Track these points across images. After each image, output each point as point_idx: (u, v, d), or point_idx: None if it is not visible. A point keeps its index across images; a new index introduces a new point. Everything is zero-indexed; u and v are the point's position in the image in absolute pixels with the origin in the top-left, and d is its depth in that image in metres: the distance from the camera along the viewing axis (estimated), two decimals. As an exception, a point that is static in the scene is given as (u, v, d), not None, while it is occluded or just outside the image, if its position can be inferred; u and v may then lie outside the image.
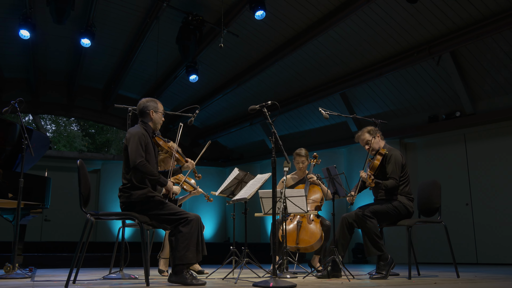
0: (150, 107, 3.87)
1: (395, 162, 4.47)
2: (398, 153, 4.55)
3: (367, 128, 4.70)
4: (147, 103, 3.88)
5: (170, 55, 10.26)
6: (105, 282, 4.00)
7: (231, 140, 13.89)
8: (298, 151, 5.61)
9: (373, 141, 4.62)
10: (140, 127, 3.80)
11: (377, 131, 4.69)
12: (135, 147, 3.61)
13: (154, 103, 3.90)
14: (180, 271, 3.47)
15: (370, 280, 4.13)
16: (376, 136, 4.66)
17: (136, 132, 3.71)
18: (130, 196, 3.62)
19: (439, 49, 7.76)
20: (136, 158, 3.57)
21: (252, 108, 3.89)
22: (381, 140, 4.72)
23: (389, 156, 4.52)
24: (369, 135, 4.65)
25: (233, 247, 4.82)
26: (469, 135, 8.97)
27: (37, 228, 11.49)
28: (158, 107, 3.91)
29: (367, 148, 4.63)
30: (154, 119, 3.89)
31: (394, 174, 4.42)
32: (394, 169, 4.44)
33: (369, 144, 4.61)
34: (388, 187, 4.40)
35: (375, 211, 4.38)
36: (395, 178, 4.41)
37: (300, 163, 5.59)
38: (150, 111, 3.86)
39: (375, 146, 4.64)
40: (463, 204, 8.79)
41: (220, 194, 4.97)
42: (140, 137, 3.67)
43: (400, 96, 9.40)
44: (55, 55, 10.77)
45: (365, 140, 4.65)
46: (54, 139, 20.98)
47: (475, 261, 8.43)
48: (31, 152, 4.42)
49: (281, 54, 9.08)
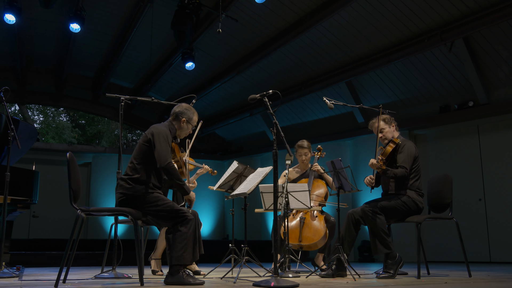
0: (185, 115, 3.97)
1: (407, 152, 4.48)
2: (411, 144, 4.57)
3: (383, 116, 4.70)
4: (185, 111, 3.98)
5: (165, 41, 10.23)
6: (97, 281, 4.01)
7: (230, 131, 13.89)
8: (300, 142, 5.61)
9: (387, 129, 4.65)
10: (167, 127, 3.88)
11: (393, 120, 4.73)
12: (165, 147, 3.69)
13: (191, 114, 4.00)
14: (176, 271, 3.51)
15: (377, 280, 4.14)
16: (391, 126, 4.68)
17: (165, 131, 3.79)
18: (131, 189, 3.65)
19: (451, 35, 7.73)
20: (166, 158, 3.64)
21: (252, 98, 3.89)
22: (396, 131, 4.73)
23: (402, 145, 4.54)
24: (384, 123, 4.67)
25: (232, 244, 4.83)
26: (482, 126, 8.96)
27: (24, 224, 11.52)
28: (194, 119, 4.03)
29: (380, 137, 4.64)
30: (182, 128, 3.99)
31: (405, 164, 4.42)
32: (405, 159, 4.45)
33: (382, 133, 4.62)
34: (397, 175, 4.40)
35: (383, 207, 4.39)
36: (405, 167, 4.41)
37: (302, 155, 5.59)
38: (183, 119, 3.97)
39: (389, 136, 4.65)
40: (476, 199, 8.80)
41: (218, 188, 4.98)
42: (168, 137, 3.77)
43: (409, 84, 9.38)
44: (43, 41, 10.74)
45: (380, 128, 4.66)
46: (42, 130, 20.99)
47: (488, 260, 8.46)
48: (18, 144, 4.41)
49: (283, 40, 9.05)
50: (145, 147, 3.74)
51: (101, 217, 11.40)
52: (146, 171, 3.71)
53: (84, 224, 3.60)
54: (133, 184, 3.67)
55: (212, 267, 5.49)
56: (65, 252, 3.42)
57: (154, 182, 3.74)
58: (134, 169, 3.72)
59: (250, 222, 5.85)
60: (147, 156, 3.73)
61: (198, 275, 4.97)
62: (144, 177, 3.69)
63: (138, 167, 3.71)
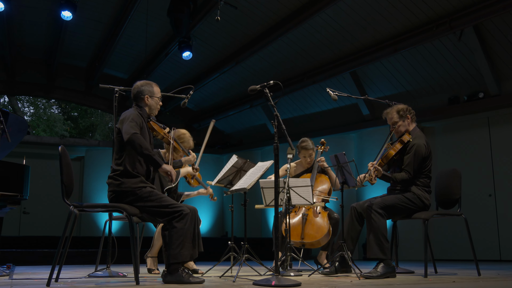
0: (145, 92, 3.91)
1: (414, 154, 4.38)
2: (422, 144, 4.42)
3: (398, 106, 4.61)
4: (142, 88, 3.92)
5: (161, 29, 10.20)
6: (90, 280, 4.03)
7: (229, 124, 13.88)
8: (305, 144, 5.48)
9: (400, 123, 4.55)
10: (135, 110, 3.84)
11: (409, 111, 4.58)
12: (129, 123, 3.64)
13: (149, 87, 3.94)
14: (175, 270, 3.51)
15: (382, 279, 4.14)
16: (406, 119, 4.56)
17: (131, 113, 3.76)
18: (120, 185, 3.64)
19: (461, 23, 7.70)
20: (130, 130, 3.57)
21: (252, 89, 3.89)
22: (412, 123, 4.60)
23: (411, 145, 4.43)
24: (398, 116, 4.55)
25: (231, 242, 4.85)
26: (493, 119, 8.95)
27: (15, 221, 11.55)
28: (154, 91, 3.96)
29: (392, 129, 4.60)
30: (150, 105, 3.94)
31: (409, 167, 4.36)
32: (410, 162, 4.37)
33: (395, 126, 4.57)
34: (398, 180, 4.36)
35: (386, 205, 4.32)
36: (408, 171, 4.35)
37: (307, 157, 5.50)
38: (145, 96, 3.91)
39: (401, 129, 4.55)
40: (486, 195, 8.82)
41: (217, 184, 4.98)
42: (135, 117, 3.72)
43: (417, 75, 9.37)
44: (33, 29, 10.70)
45: (392, 120, 4.60)
46: (33, 123, 20.99)
47: (498, 258, 8.49)
48: (7, 137, 4.41)
49: (285, 28, 9.02)
50: (120, 138, 3.71)
51: (95, 213, 11.43)
52: (130, 163, 3.68)
53: (77, 220, 3.61)
54: (121, 179, 3.65)
55: (210, 265, 5.50)
56: (57, 250, 3.43)
57: (141, 171, 3.71)
58: (118, 164, 3.71)
59: (250, 218, 5.85)
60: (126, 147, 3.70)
61: (195, 274, 4.99)
62: (130, 168, 3.67)
63: (121, 160, 3.70)
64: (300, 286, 3.31)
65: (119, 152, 3.73)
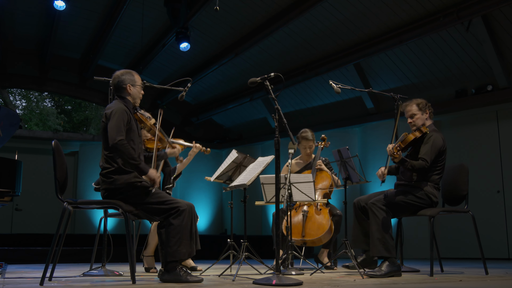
0: (126, 81, 3.91)
1: (432, 144, 4.41)
2: (439, 136, 4.49)
3: (417, 100, 4.66)
4: (122, 77, 3.92)
5: (158, 19, 10.18)
6: (85, 279, 4.04)
7: (228, 118, 13.88)
8: (305, 134, 5.53)
9: (418, 116, 4.60)
10: (120, 103, 3.82)
11: (428, 107, 4.66)
12: (115, 124, 3.61)
13: (130, 76, 3.95)
14: (173, 268, 3.52)
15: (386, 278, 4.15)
16: (425, 112, 4.62)
17: (117, 108, 3.73)
18: (113, 182, 3.64)
19: (469, 13, 7.67)
20: (116, 135, 3.56)
21: (252, 81, 3.89)
22: (429, 119, 4.67)
23: (428, 136, 4.47)
24: (418, 108, 4.61)
25: (230, 240, 4.86)
26: (502, 112, 8.94)
27: (7, 218, 11.56)
28: (135, 79, 3.96)
29: (409, 122, 4.62)
30: (133, 94, 3.94)
31: (427, 156, 4.36)
32: (428, 151, 4.39)
33: (413, 118, 4.60)
34: (415, 168, 4.35)
35: (391, 202, 4.35)
36: (425, 159, 4.36)
37: (307, 148, 5.55)
38: (127, 86, 3.91)
39: (419, 122, 4.59)
40: (494, 191, 8.82)
41: (215, 179, 4.98)
42: (121, 113, 3.69)
43: (423, 67, 9.35)
44: (24, 19, 10.68)
45: (411, 112, 4.63)
46: (25, 116, 20.98)
47: (506, 256, 8.50)
48: (-1, 131, 4.41)
49: (286, 19, 9.00)
50: (106, 133, 3.69)
51: (90, 210, 11.44)
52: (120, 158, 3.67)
53: (71, 217, 3.62)
54: (114, 177, 3.65)
55: (209, 263, 5.51)
56: (51, 248, 3.44)
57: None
58: (108, 161, 3.69)
59: (250, 215, 5.86)
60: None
61: (194, 271, 5.01)
62: (121, 163, 3.65)
63: (110, 156, 3.69)
64: (302, 285, 3.32)
65: (108, 148, 3.70)
